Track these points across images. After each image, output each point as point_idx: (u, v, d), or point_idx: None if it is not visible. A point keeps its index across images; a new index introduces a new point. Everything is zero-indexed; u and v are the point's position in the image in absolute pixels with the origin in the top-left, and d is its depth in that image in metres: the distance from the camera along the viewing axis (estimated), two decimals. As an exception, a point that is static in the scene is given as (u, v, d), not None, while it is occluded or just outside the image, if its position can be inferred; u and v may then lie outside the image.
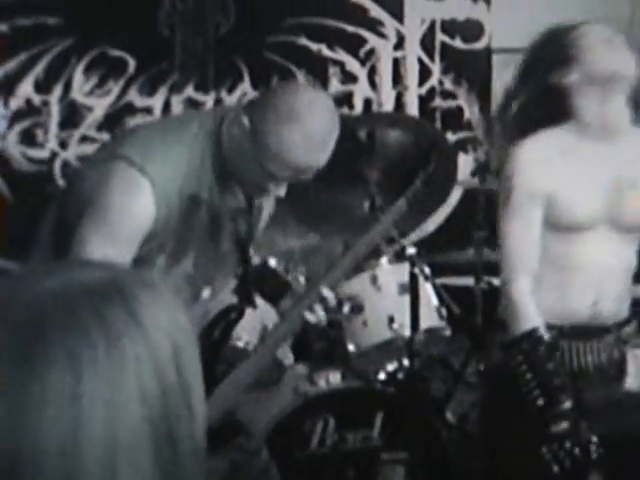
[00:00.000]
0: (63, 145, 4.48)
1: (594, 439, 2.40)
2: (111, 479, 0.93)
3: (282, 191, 2.42)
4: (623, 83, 2.55)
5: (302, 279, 3.45)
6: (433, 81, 4.71)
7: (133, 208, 2.33)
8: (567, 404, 2.43)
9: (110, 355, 0.94)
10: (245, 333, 3.04)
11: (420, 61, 4.71)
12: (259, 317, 2.97)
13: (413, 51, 4.71)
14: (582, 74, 2.56)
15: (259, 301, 2.91)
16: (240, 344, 3.00)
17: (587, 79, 2.55)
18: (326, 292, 2.45)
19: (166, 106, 4.51)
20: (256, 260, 3.23)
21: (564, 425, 2.41)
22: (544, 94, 2.58)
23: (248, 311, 2.67)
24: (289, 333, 2.57)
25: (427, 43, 4.71)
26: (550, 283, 2.60)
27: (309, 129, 2.30)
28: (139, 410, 0.94)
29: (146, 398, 0.95)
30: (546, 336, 2.49)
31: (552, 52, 2.62)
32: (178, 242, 2.46)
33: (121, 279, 0.99)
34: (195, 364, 1.01)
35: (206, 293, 2.58)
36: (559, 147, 2.58)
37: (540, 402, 2.44)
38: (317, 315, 2.45)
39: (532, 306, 2.55)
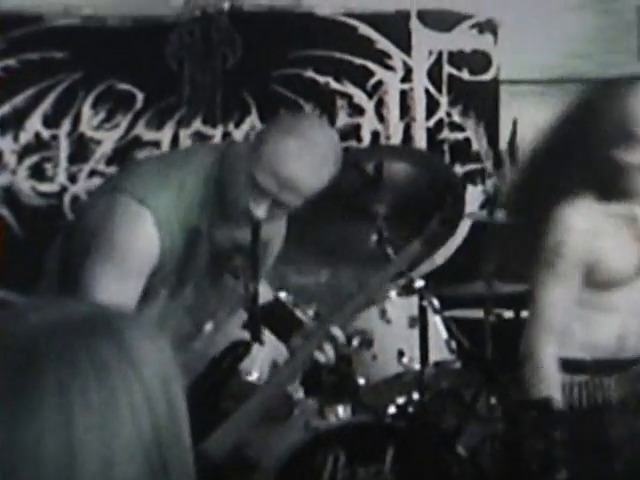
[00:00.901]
0: (72, 179, 4.48)
1: None
2: None
3: (262, 211, 2.40)
4: None
5: (311, 313, 3.44)
6: (441, 113, 4.71)
7: (137, 242, 2.33)
8: (563, 476, 2.42)
9: (100, 385, 0.96)
10: (255, 368, 3.03)
11: (427, 93, 4.72)
12: (270, 352, 2.96)
13: (420, 83, 4.72)
14: None
15: (270, 336, 2.90)
16: (250, 379, 2.99)
17: None
18: (336, 331, 2.45)
19: (174, 140, 4.52)
20: (269, 295, 3.23)
21: None
22: (597, 167, 2.54)
23: (259, 346, 2.66)
24: (298, 371, 2.56)
25: (434, 75, 4.72)
26: (576, 317, 2.59)
27: (305, 143, 2.33)
28: (132, 440, 0.96)
29: (139, 428, 0.97)
30: (557, 406, 2.48)
31: (611, 126, 2.53)
32: (179, 275, 2.46)
33: (109, 315, 1.02)
34: (182, 396, 1.04)
35: (209, 327, 2.57)
36: (606, 214, 2.58)
37: (535, 468, 2.44)
38: (327, 355, 2.45)
39: (556, 375, 2.55)
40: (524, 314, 3.99)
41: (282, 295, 3.44)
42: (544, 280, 2.55)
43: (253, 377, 2.98)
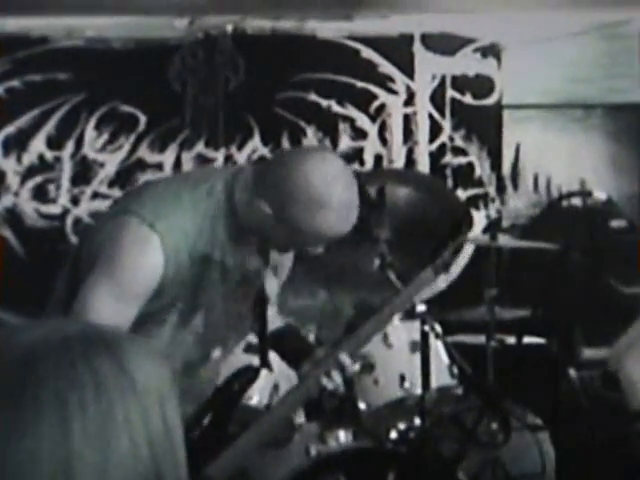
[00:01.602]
0: (75, 201, 4.48)
1: None
2: None
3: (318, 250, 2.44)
4: None
5: (312, 337, 3.43)
6: (444, 137, 4.71)
7: (141, 265, 2.33)
8: None
9: (98, 399, 0.98)
10: (256, 392, 3.02)
11: (431, 117, 4.72)
12: (271, 376, 2.95)
13: (423, 107, 4.72)
14: None
15: (273, 359, 2.89)
16: (251, 403, 2.98)
17: None
18: (344, 358, 2.44)
19: (177, 162, 4.52)
20: (277, 321, 3.24)
21: None
22: None
23: (266, 372, 2.65)
24: (305, 397, 2.55)
25: (437, 99, 4.72)
26: None
27: (339, 207, 2.32)
28: (128, 453, 0.98)
29: (134, 441, 0.98)
30: None
31: None
32: (189, 302, 2.45)
33: (106, 333, 1.04)
34: (177, 412, 1.05)
35: (216, 354, 2.56)
36: None
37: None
38: (334, 382, 2.43)
39: None
40: (526, 340, 4.00)
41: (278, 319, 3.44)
42: None
43: (253, 401, 2.97)
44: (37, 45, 4.43)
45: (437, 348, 3.41)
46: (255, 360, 2.60)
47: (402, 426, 3.45)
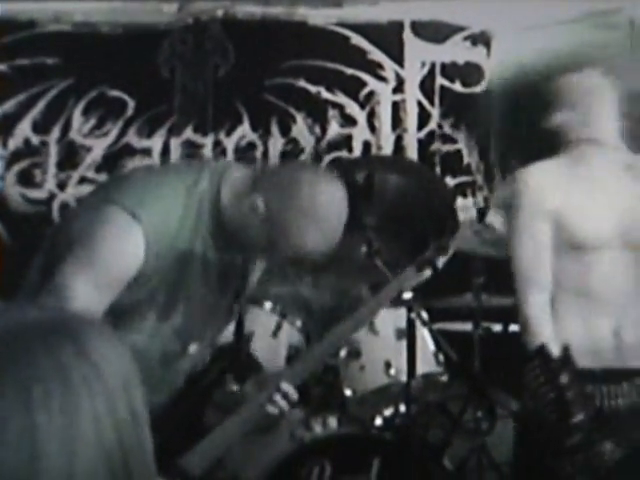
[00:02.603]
0: (61, 186, 4.47)
1: (609, 447, 2.44)
2: None
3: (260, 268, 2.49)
4: None
5: (299, 324, 3.44)
6: (432, 125, 4.71)
7: (121, 252, 2.32)
8: (580, 417, 2.46)
9: (62, 390, 0.96)
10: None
11: (420, 105, 4.71)
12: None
13: (413, 94, 4.71)
14: None
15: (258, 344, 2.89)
16: (234, 389, 2.98)
17: None
18: (286, 387, 2.45)
19: (165, 148, 4.51)
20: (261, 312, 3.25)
21: (577, 438, 2.45)
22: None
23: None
24: (249, 421, 2.54)
25: (427, 86, 4.71)
26: (569, 313, 2.67)
27: (329, 227, 2.37)
28: (94, 442, 0.96)
29: (100, 430, 0.97)
30: (555, 351, 2.54)
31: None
32: (169, 296, 2.45)
33: (69, 319, 1.03)
34: (143, 401, 1.03)
35: (193, 348, 2.56)
36: (575, 177, 2.75)
37: (553, 416, 2.48)
38: (278, 406, 2.45)
39: (545, 322, 2.64)
40: (512, 328, 4.00)
41: (268, 305, 3.44)
42: (515, 233, 2.69)
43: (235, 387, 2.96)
44: (25, 29, 4.41)
45: (423, 335, 3.42)
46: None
47: (387, 413, 3.46)
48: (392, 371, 3.36)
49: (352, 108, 4.66)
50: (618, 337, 2.69)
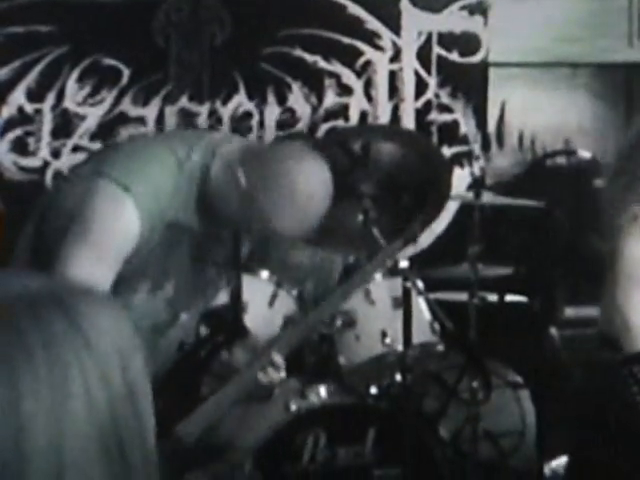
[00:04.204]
0: (55, 154, 4.44)
1: None
2: None
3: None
4: None
5: (294, 293, 3.43)
6: (429, 94, 4.69)
7: (117, 226, 2.32)
8: None
9: (49, 361, 0.92)
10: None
11: (417, 74, 4.69)
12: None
13: (410, 64, 4.69)
14: None
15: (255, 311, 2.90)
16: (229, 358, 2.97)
17: None
18: (277, 358, 2.45)
19: (160, 116, 4.48)
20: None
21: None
22: None
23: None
24: (242, 390, 2.53)
25: (424, 56, 4.69)
26: None
27: (307, 211, 2.38)
28: (85, 417, 0.92)
29: (92, 405, 0.93)
30: None
31: None
32: (160, 267, 2.44)
33: (60, 289, 0.98)
34: (143, 373, 0.99)
35: (184, 316, 2.56)
36: None
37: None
38: (268, 376, 2.45)
39: None
40: (508, 298, 4.00)
41: (265, 274, 3.43)
42: (629, 234, 2.53)
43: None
44: (19, -4, 4.38)
45: (419, 305, 3.41)
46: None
47: (383, 382, 3.46)
48: (388, 340, 3.36)
49: (349, 77, 4.63)
50: None
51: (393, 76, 4.67)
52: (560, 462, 3.60)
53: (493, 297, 3.95)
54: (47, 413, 0.91)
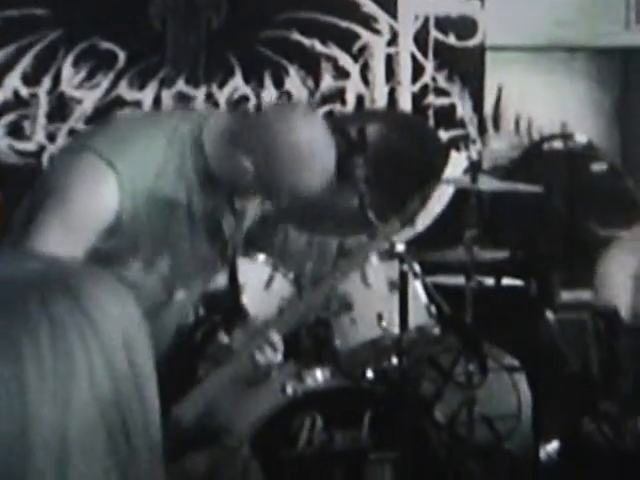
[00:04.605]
0: (51, 138, 4.43)
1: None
2: (62, 472, 0.91)
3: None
4: None
5: (291, 277, 3.43)
6: (426, 78, 4.68)
7: (94, 199, 2.32)
8: (622, 386, 2.47)
9: (55, 344, 0.92)
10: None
11: (413, 58, 4.68)
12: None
13: (406, 47, 4.68)
14: None
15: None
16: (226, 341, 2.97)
17: None
18: (274, 337, 2.46)
19: (156, 100, 4.47)
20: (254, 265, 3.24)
21: (612, 407, 2.46)
22: None
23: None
24: (239, 371, 2.54)
25: (420, 40, 4.68)
26: None
27: (320, 163, 2.39)
28: (90, 400, 0.93)
29: (97, 388, 0.93)
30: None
31: None
32: (154, 245, 2.44)
33: (66, 270, 0.98)
34: (147, 353, 1.00)
35: (180, 295, 2.55)
36: None
37: (598, 379, 2.49)
38: (266, 357, 2.46)
39: (625, 288, 2.64)
40: (504, 281, 4.01)
41: (261, 257, 3.43)
42: None
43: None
44: (14, -21, 4.36)
45: (415, 288, 3.41)
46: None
47: (379, 366, 3.46)
48: (384, 324, 3.36)
49: (345, 61, 4.62)
50: None
51: (390, 60, 4.66)
52: (555, 446, 3.62)
53: (489, 281, 3.95)
54: (52, 394, 0.91)
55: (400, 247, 3.34)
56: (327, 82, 4.60)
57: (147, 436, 0.97)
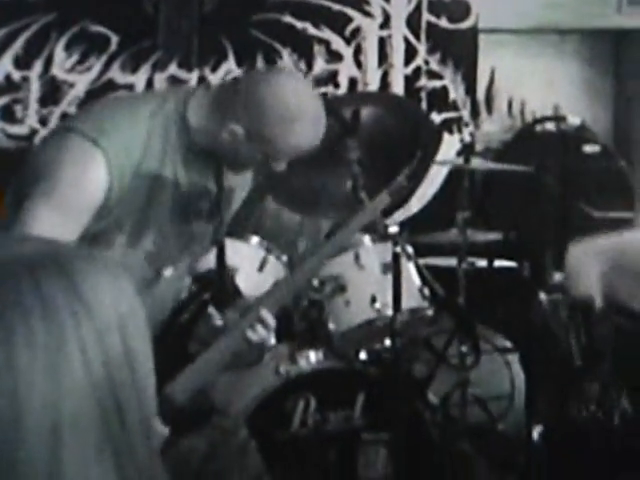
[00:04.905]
0: (43, 122, 4.42)
1: (624, 407, 2.47)
2: (55, 449, 0.92)
3: (282, 166, 2.46)
4: None
5: (284, 259, 3.43)
6: (419, 61, 4.67)
7: (84, 180, 2.31)
8: (603, 368, 2.50)
9: (47, 324, 0.92)
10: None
11: (406, 40, 4.67)
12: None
13: (399, 30, 4.67)
14: None
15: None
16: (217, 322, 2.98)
17: None
18: (266, 315, 2.45)
19: (149, 84, 4.46)
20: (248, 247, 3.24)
21: (595, 387, 2.49)
22: None
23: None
24: (231, 348, 2.53)
25: (413, 22, 4.67)
26: None
27: (311, 120, 2.38)
28: (82, 377, 0.93)
29: (90, 370, 0.93)
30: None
31: None
32: (138, 221, 2.44)
33: (60, 252, 0.98)
34: (143, 335, 1.00)
35: (168, 272, 2.55)
36: None
37: (579, 362, 2.53)
38: (259, 334, 2.45)
39: (596, 279, 2.68)
40: (497, 263, 4.01)
41: (255, 240, 3.43)
42: None
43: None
44: (5, -37, 4.35)
45: (409, 270, 3.42)
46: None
47: (372, 347, 3.47)
48: (377, 306, 3.37)
49: (338, 44, 4.62)
50: None
51: (382, 42, 4.66)
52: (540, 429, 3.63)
53: (482, 262, 3.96)
54: (43, 371, 0.92)
55: (393, 229, 3.34)
56: (320, 65, 4.59)
57: (141, 417, 0.97)
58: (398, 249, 3.32)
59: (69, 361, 0.93)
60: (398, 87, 4.65)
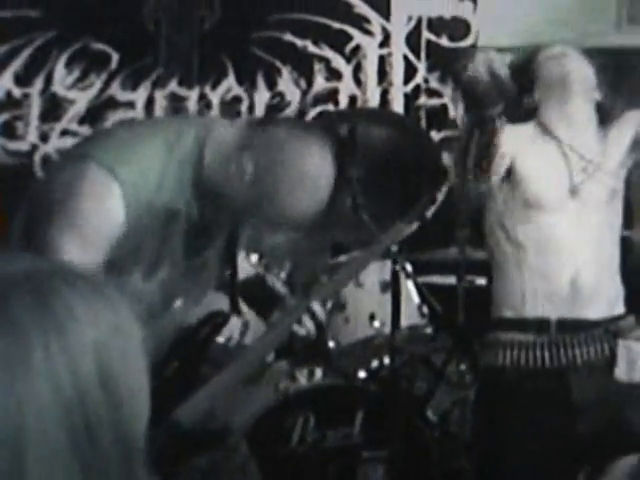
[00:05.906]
0: (44, 138, 4.44)
1: None
2: (18, 461, 0.92)
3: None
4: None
5: (283, 276, 3.43)
6: (418, 79, 4.69)
7: (102, 211, 2.30)
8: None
9: (9, 342, 0.92)
10: (225, 331, 3.02)
11: (406, 59, 4.69)
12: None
13: (399, 49, 4.70)
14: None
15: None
16: (220, 341, 2.98)
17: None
18: (316, 306, 2.45)
19: (149, 101, 4.48)
20: (247, 265, 3.24)
21: None
22: None
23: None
24: (276, 343, 2.54)
25: (413, 41, 4.69)
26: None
27: (318, 189, 2.37)
28: (50, 398, 0.93)
29: (58, 387, 0.94)
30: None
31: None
32: (153, 253, 2.43)
33: (42, 271, 0.98)
34: (129, 356, 1.00)
35: (179, 303, 2.55)
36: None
37: None
38: (306, 327, 2.45)
39: None
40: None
41: (254, 258, 3.44)
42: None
43: (221, 339, 2.97)
44: (7, -19, 4.37)
45: (408, 288, 3.42)
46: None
47: (371, 365, 3.47)
48: (376, 323, 3.37)
49: (338, 62, 4.64)
50: (575, 284, 2.77)
51: (382, 61, 4.68)
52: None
53: (481, 280, 3.96)
54: (5, 393, 0.92)
55: (393, 247, 3.35)
56: (320, 83, 4.61)
57: (117, 439, 0.97)
58: (397, 267, 3.33)
59: (34, 379, 0.93)
60: (398, 105, 4.67)
